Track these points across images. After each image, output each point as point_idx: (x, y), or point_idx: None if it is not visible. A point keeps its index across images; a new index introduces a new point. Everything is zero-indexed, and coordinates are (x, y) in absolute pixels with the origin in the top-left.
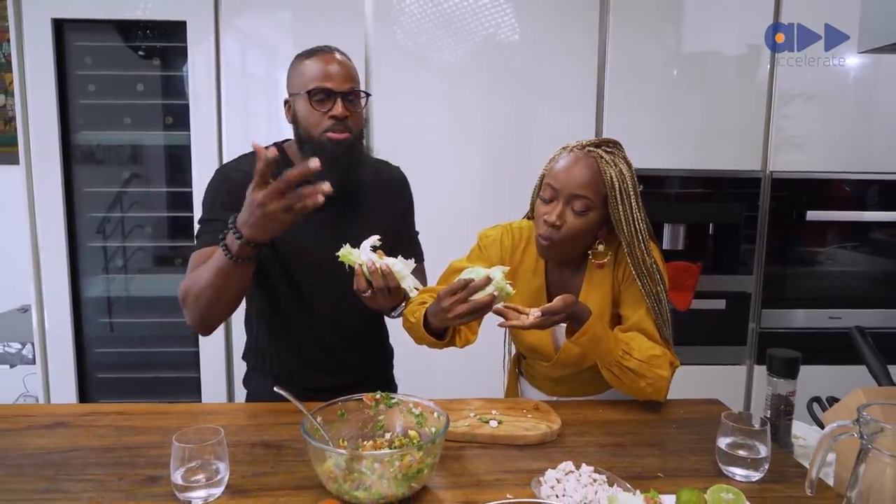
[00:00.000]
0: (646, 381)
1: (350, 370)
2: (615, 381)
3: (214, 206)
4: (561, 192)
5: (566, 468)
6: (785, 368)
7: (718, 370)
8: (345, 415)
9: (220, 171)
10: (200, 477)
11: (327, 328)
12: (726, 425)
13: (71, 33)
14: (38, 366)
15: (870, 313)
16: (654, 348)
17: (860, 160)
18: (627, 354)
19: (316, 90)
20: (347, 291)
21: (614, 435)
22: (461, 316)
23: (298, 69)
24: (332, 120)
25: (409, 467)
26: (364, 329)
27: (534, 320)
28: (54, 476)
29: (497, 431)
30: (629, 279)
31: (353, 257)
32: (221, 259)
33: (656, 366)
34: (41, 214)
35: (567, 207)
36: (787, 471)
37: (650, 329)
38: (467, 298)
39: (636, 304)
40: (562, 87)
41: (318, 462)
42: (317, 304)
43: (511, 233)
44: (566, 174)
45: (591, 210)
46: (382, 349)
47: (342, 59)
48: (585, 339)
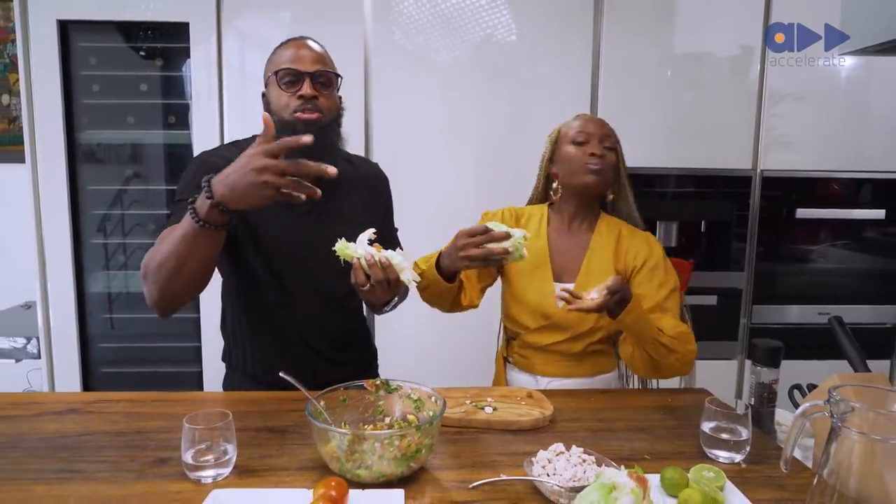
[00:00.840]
0: (676, 355)
1: (336, 367)
2: (643, 361)
3: (190, 188)
4: (593, 136)
5: (557, 449)
6: (768, 357)
7: (710, 364)
8: (346, 400)
9: (201, 155)
10: (209, 458)
11: (310, 324)
12: (710, 410)
13: (76, 34)
14: (42, 360)
15: (858, 309)
16: (680, 325)
17: (849, 159)
18: (661, 331)
19: (283, 71)
20: (330, 286)
21: (605, 421)
22: (472, 258)
23: (271, 58)
24: (300, 100)
25: (407, 447)
26: (349, 327)
27: (600, 301)
28: (69, 458)
29: (492, 417)
30: (651, 263)
31: (349, 251)
32: (188, 224)
33: (686, 341)
34: (46, 212)
35: (601, 145)
36: (768, 453)
37: (674, 307)
38: (482, 245)
39: (660, 286)
40: (557, 87)
41: (322, 443)
42: (298, 300)
43: (513, 210)
44: (593, 123)
45: (614, 150)
46: (367, 349)
47: (312, 45)
48: (631, 318)
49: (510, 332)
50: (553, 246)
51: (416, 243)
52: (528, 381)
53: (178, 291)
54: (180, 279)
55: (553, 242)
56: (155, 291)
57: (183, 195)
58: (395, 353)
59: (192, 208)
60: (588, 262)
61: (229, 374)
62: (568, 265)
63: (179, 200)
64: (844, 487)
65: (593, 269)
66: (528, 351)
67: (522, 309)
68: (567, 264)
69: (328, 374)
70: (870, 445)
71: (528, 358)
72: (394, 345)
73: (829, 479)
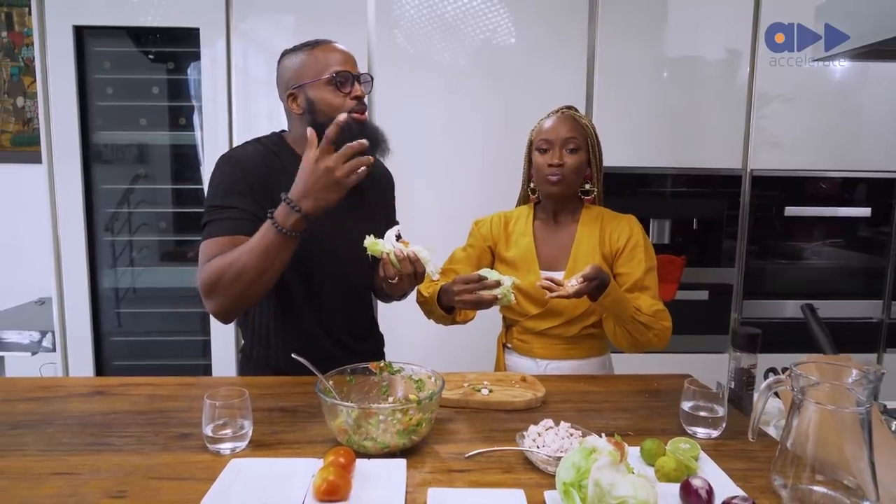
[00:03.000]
0: (653, 332)
1: (351, 356)
2: (624, 337)
3: (230, 193)
4: (555, 142)
5: (546, 424)
6: (746, 344)
7: (701, 358)
8: (353, 380)
9: (229, 158)
10: (228, 432)
11: (335, 317)
12: (689, 390)
13: (91, 39)
14: (58, 354)
15: (845, 304)
16: (657, 304)
17: (836, 158)
18: (638, 311)
19: (339, 74)
20: (354, 279)
21: (592, 402)
22: (465, 303)
23: (307, 60)
24: (354, 101)
25: (409, 421)
26: (366, 317)
27: (577, 287)
28: (99, 433)
29: (488, 398)
30: (631, 244)
31: (379, 247)
32: (270, 236)
33: (661, 318)
34: (62, 211)
35: (562, 150)
36: (742, 430)
37: (652, 285)
38: (475, 291)
39: (639, 264)
40: (554, 89)
41: (332, 417)
42: (325, 294)
43: (502, 214)
44: (555, 128)
45: (579, 150)
46: (376, 338)
47: (345, 47)
48: (609, 300)
49: (509, 320)
50: (540, 240)
51: (420, 238)
52: (529, 364)
53: (252, 297)
54: (259, 287)
55: (540, 237)
56: (227, 303)
57: (224, 201)
58: (398, 342)
59: (275, 222)
60: (575, 252)
61: (247, 367)
62: (557, 257)
63: (221, 207)
64: (804, 454)
65: (580, 257)
66: (527, 336)
67: (522, 297)
68: (556, 256)
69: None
70: (827, 415)
71: (528, 342)
72: (397, 333)
73: (792, 448)
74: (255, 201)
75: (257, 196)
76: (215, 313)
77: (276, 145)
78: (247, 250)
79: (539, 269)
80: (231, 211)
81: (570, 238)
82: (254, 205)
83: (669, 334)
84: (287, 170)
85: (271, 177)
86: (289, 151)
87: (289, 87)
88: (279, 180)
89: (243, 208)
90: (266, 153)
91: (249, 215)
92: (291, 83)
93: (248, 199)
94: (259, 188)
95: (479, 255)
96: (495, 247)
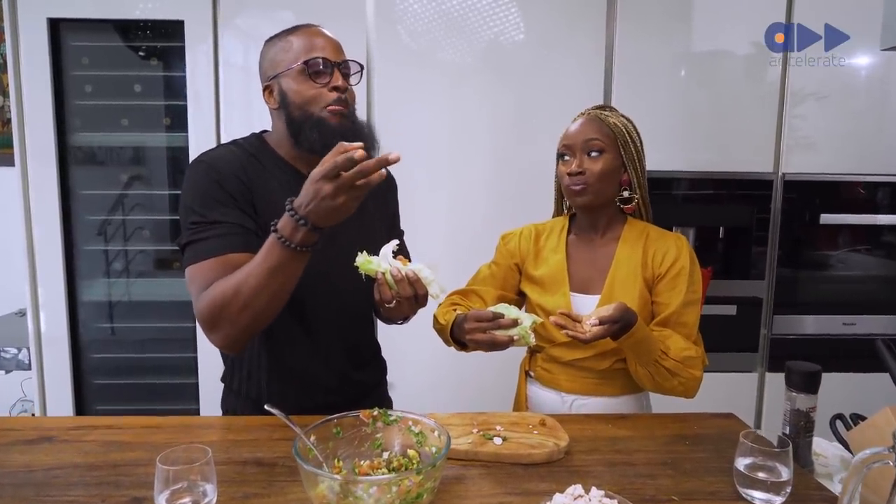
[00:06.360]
0: (679, 380)
1: (350, 386)
2: (646, 378)
3: (209, 206)
4: (574, 147)
5: (575, 492)
6: (805, 383)
7: (729, 377)
8: (340, 433)
9: (200, 163)
10: (187, 500)
11: (331, 343)
12: (745, 445)
13: (67, 33)
14: (33, 371)
15: (885, 319)
16: (689, 349)
17: (875, 162)
18: (664, 354)
19: (312, 61)
20: (351, 302)
21: (624, 453)
22: (476, 342)
23: (281, 47)
24: (334, 93)
25: (407, 492)
26: (367, 341)
27: (596, 331)
28: (34, 497)
29: (501, 449)
30: (675, 270)
31: (373, 266)
32: (276, 253)
33: (690, 366)
34: (37, 217)
35: (583, 156)
36: (809, 494)
37: (690, 322)
38: (488, 330)
39: (678, 295)
40: (568, 88)
41: (311, 486)
42: (321, 317)
43: (533, 227)
44: (575, 132)
45: (604, 151)
46: (379, 364)
47: (328, 32)
48: (631, 342)
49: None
50: (573, 258)
51: (424, 247)
52: (553, 399)
53: (263, 324)
54: (270, 311)
55: (574, 255)
56: (234, 333)
57: (208, 216)
58: (404, 366)
59: (281, 237)
60: (613, 275)
61: (228, 399)
62: (593, 277)
63: (203, 223)
64: None
65: (618, 281)
66: (552, 365)
67: (547, 322)
68: (590, 277)
69: (340, 395)
70: None
71: (553, 373)
72: (403, 355)
73: None
74: (238, 210)
75: (239, 203)
76: (222, 346)
77: (254, 147)
78: (252, 272)
79: (569, 290)
80: (216, 227)
81: (608, 258)
82: (239, 214)
83: (698, 385)
84: (270, 174)
85: (252, 182)
86: (270, 153)
87: (265, 78)
88: (262, 186)
89: (230, 221)
90: (243, 156)
91: (237, 228)
92: (268, 74)
93: (230, 208)
94: (240, 195)
95: (505, 275)
96: (523, 264)
